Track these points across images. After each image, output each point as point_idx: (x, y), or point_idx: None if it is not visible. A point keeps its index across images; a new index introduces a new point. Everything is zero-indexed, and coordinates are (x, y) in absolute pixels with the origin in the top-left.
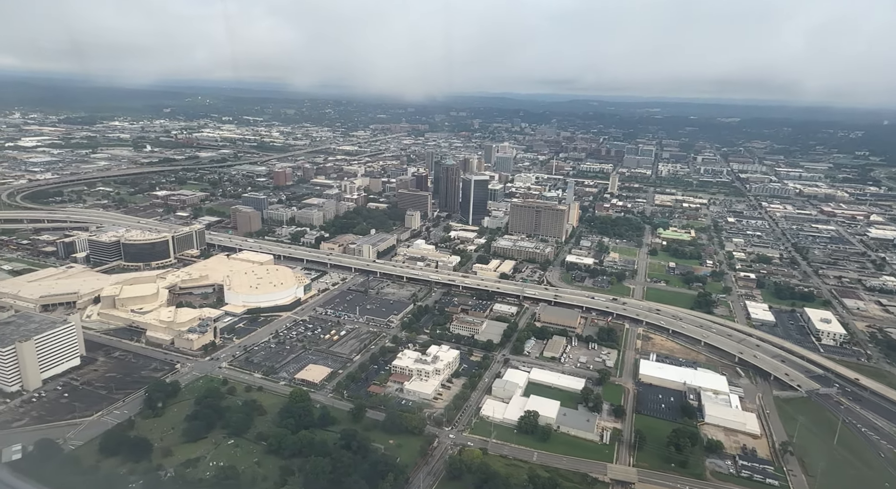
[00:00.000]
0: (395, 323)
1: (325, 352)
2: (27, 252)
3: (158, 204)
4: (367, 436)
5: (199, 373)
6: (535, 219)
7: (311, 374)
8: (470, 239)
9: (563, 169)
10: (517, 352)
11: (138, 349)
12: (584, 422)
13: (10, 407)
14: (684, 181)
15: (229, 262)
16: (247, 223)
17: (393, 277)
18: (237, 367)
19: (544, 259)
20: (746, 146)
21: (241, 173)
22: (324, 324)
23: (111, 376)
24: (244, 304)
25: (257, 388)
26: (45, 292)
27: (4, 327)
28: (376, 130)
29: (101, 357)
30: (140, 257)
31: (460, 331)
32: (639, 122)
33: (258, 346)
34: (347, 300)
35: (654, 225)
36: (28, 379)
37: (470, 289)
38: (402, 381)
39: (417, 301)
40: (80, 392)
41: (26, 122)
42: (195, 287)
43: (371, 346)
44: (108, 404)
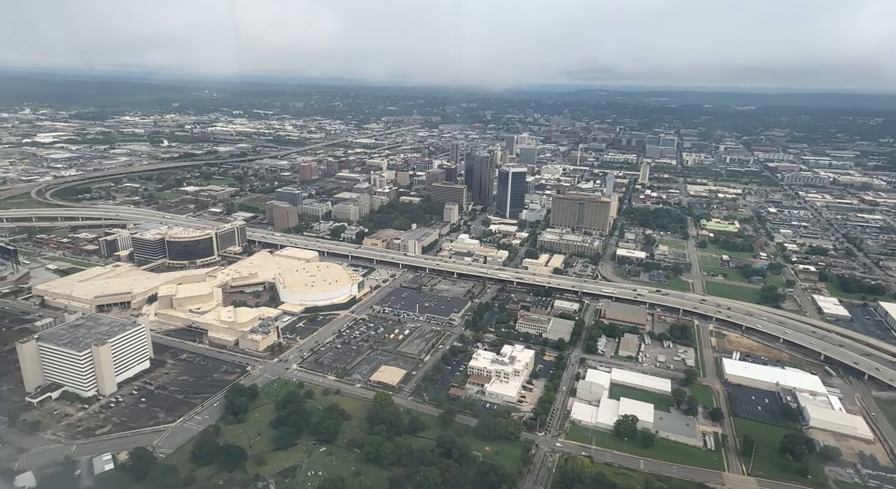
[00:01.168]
0: (456, 321)
1: (392, 352)
2: (68, 250)
3: (189, 200)
4: (463, 442)
5: (271, 376)
6: (578, 211)
7: (386, 376)
8: (511, 232)
9: (586, 160)
10: (590, 351)
11: (203, 351)
12: (684, 426)
13: (89, 413)
14: (712, 171)
15: (274, 259)
16: (284, 219)
17: (443, 273)
18: (308, 369)
19: (594, 253)
20: (767, 135)
21: (264, 168)
22: (384, 322)
23: (184, 380)
24: (301, 303)
25: (334, 391)
26: (98, 292)
27: (75, 330)
28: (389, 123)
29: (169, 359)
30: (184, 255)
31: (527, 329)
32: (652, 111)
33: (324, 347)
34: (403, 298)
35: (695, 216)
36: (104, 383)
37: (525, 285)
38: (482, 383)
39: (474, 298)
40: (156, 397)
41: (38, 118)
42: (246, 285)
43: (439, 346)
44: (189, 409)
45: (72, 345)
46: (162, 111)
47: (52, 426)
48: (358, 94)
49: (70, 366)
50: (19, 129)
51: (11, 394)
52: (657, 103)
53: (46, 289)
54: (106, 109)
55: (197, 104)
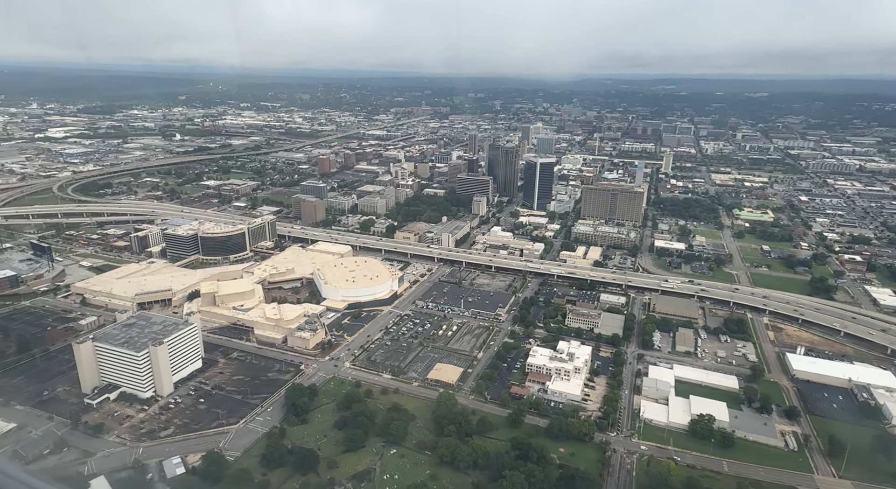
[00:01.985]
0: (503, 316)
1: (443, 349)
2: (99, 247)
3: (211, 194)
4: (537, 444)
5: (325, 375)
6: (610, 202)
7: (443, 374)
8: (542, 224)
9: (603, 149)
10: (646, 347)
11: (252, 349)
12: (762, 425)
13: (149, 414)
14: (733, 159)
15: (308, 254)
16: (312, 213)
17: (481, 267)
18: (361, 368)
19: (631, 244)
20: (782, 122)
21: (281, 161)
22: (430, 318)
23: (238, 379)
24: (343, 299)
25: (393, 390)
26: (138, 290)
27: (129, 330)
28: (398, 114)
29: (221, 358)
30: (217, 250)
31: (577, 324)
32: (662, 99)
33: (374, 344)
34: (445, 292)
35: (726, 206)
36: (162, 384)
37: (566, 278)
38: (543, 381)
39: (516, 292)
40: (214, 397)
41: (46, 112)
42: (284, 281)
43: (490, 342)
44: (249, 410)
45: (128, 345)
46: (169, 104)
47: (115, 428)
48: (364, 86)
49: (127, 367)
50: (29, 123)
51: (68, 395)
52: (665, 91)
53: (86, 286)
54: (113, 103)
55: (203, 97)
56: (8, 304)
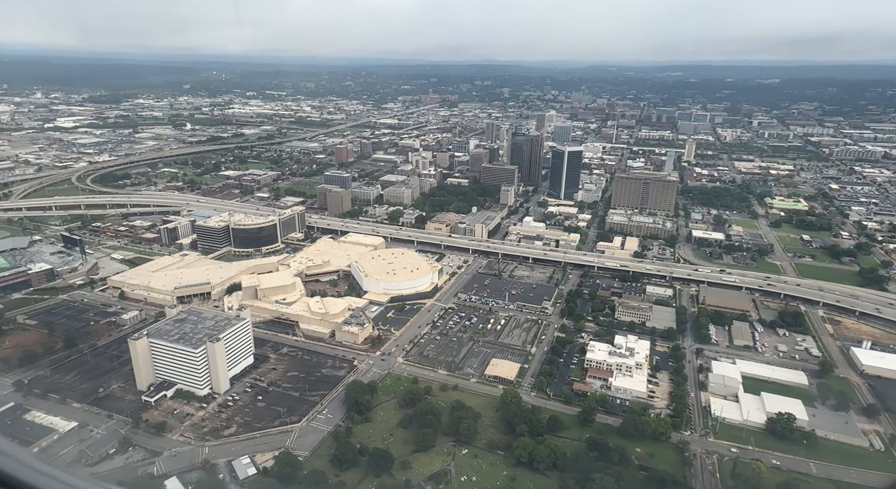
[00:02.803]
0: (550, 309)
1: (494, 343)
2: (127, 239)
3: (232, 184)
4: (616, 444)
5: (379, 370)
6: (642, 191)
7: (501, 370)
8: (572, 214)
9: (620, 137)
10: (703, 341)
11: (299, 343)
12: (843, 424)
13: (209, 412)
14: (753, 147)
15: (341, 246)
16: (338, 203)
17: (518, 258)
18: (414, 363)
19: (667, 234)
20: (796, 108)
21: (296, 150)
22: (475, 312)
23: (293, 375)
24: (385, 292)
25: (452, 387)
26: (177, 283)
27: (181, 325)
28: (407, 102)
29: (271, 354)
30: (249, 242)
31: (627, 317)
32: (672, 86)
33: (423, 339)
34: (486, 285)
35: (756, 194)
36: (219, 381)
37: (607, 270)
38: (604, 377)
39: (559, 284)
40: (271, 394)
41: (52, 102)
42: (322, 274)
43: (541, 336)
44: (309, 408)
45: (184, 341)
46: (174, 93)
47: (177, 427)
48: (369, 74)
49: (184, 364)
50: (36, 113)
51: (123, 392)
52: (673, 78)
53: (123, 280)
54: (118, 92)
55: (207, 86)
56: (46, 298)
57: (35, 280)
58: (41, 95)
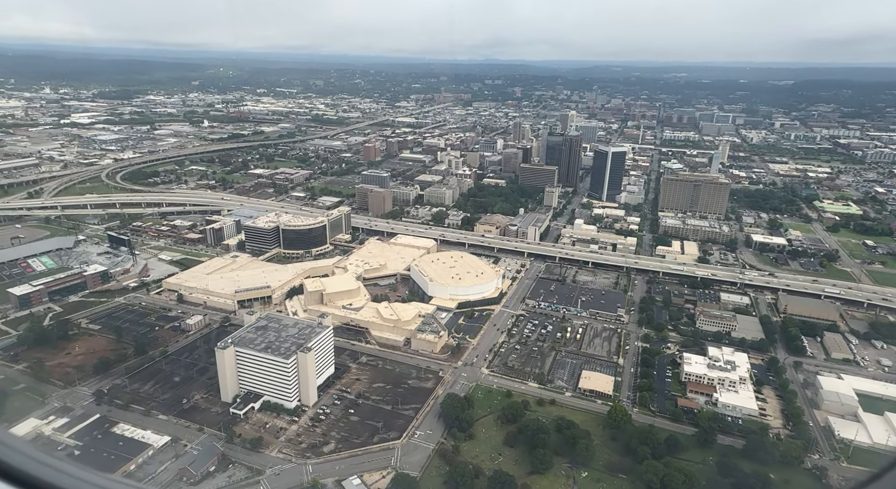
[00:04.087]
0: (625, 317)
1: (578, 353)
2: (170, 239)
3: (265, 183)
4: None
5: (467, 382)
6: (692, 194)
7: (595, 383)
8: (620, 217)
9: (644, 138)
10: (796, 353)
11: (374, 351)
12: None
13: (302, 426)
14: (781, 148)
15: (392, 248)
16: (380, 204)
17: (577, 263)
18: (501, 374)
19: (726, 239)
20: (815, 110)
21: (320, 148)
22: (548, 319)
23: (379, 387)
24: (451, 298)
25: (549, 401)
26: (236, 286)
27: (264, 333)
28: (420, 101)
29: (351, 363)
30: (298, 244)
31: (710, 327)
32: (685, 87)
33: (503, 348)
34: (551, 290)
35: (802, 197)
36: (308, 393)
37: (671, 275)
38: (706, 392)
39: (627, 290)
40: (362, 407)
41: (62, 97)
42: (379, 277)
43: (625, 347)
44: (404, 422)
45: (272, 350)
46: (184, 89)
47: (273, 442)
48: (378, 71)
49: (273, 375)
50: (49, 108)
51: (208, 403)
52: (684, 79)
53: (179, 282)
54: (128, 88)
55: (216, 82)
56: (103, 301)
57: (90, 282)
58: (49, 90)
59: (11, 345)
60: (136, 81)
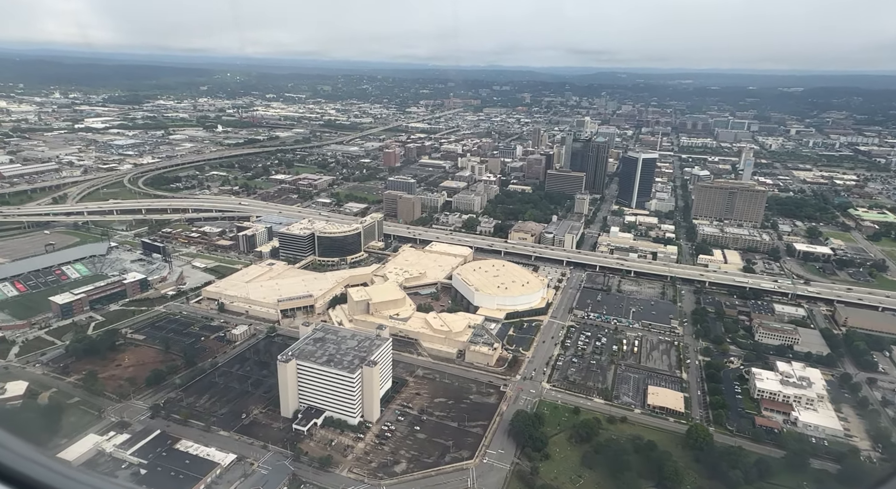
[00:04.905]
0: (679, 329)
1: (638, 367)
2: (201, 245)
3: (288, 189)
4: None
5: (530, 398)
6: (728, 201)
7: (665, 400)
8: (654, 224)
9: (662, 145)
10: (866, 368)
11: (429, 364)
12: None
13: (369, 444)
14: (800, 155)
15: (428, 256)
16: (409, 210)
17: (620, 272)
18: (563, 389)
19: (768, 247)
20: (828, 117)
21: (338, 153)
22: (600, 331)
23: (441, 402)
24: (499, 308)
25: (620, 419)
26: (278, 295)
27: (323, 345)
28: (430, 106)
29: (407, 376)
30: (332, 251)
31: (769, 340)
32: (694, 94)
33: (560, 361)
34: (598, 301)
35: (835, 205)
36: (371, 408)
37: (720, 285)
38: (782, 410)
39: (676, 301)
40: (427, 424)
41: (73, 102)
42: (420, 286)
43: (686, 360)
44: (473, 440)
45: (334, 364)
46: (193, 94)
47: (341, 461)
48: (385, 77)
49: (336, 389)
50: (61, 113)
51: (268, 418)
52: (691, 86)
53: (219, 291)
54: (138, 93)
55: (224, 87)
56: (143, 310)
57: (130, 290)
58: (59, 95)
59: (60, 356)
60: (144, 86)
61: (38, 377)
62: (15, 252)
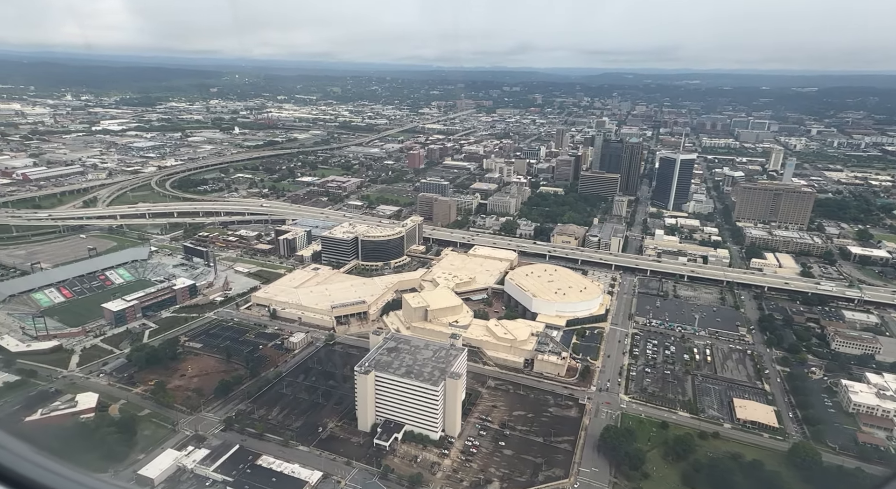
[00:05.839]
0: (748, 337)
1: (715, 378)
2: (240, 250)
3: (317, 191)
4: None
5: (610, 411)
6: (772, 203)
7: (756, 414)
8: (696, 227)
9: (684, 145)
10: None
11: (497, 374)
12: None
13: (455, 461)
14: (827, 155)
15: (473, 260)
16: (445, 213)
17: (674, 277)
18: (644, 401)
19: (821, 251)
20: (847, 117)
21: (360, 155)
22: (666, 338)
23: (520, 415)
24: (558, 314)
25: (712, 434)
26: (331, 301)
27: (398, 356)
28: (443, 107)
29: (480, 387)
30: (376, 255)
31: (849, 349)
32: (706, 94)
33: (632, 371)
34: (657, 306)
35: (878, 206)
36: (454, 422)
37: (780, 291)
38: (883, 426)
39: (738, 307)
40: (512, 439)
41: (85, 104)
42: (471, 291)
43: (764, 371)
44: (563, 457)
45: (415, 375)
46: (204, 96)
47: (431, 479)
48: (393, 79)
49: (418, 402)
50: (76, 115)
51: (345, 432)
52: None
53: (268, 297)
54: (149, 95)
55: (233, 89)
56: (193, 316)
57: (179, 296)
58: (71, 97)
59: (122, 365)
60: (154, 88)
61: (104, 388)
62: (55, 257)
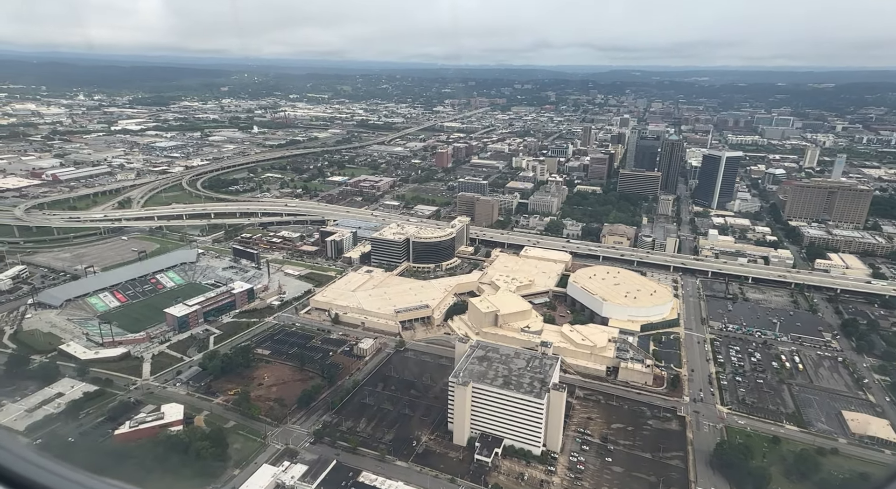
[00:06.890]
0: (834, 343)
1: (812, 387)
2: (286, 251)
3: (351, 191)
4: None
5: (712, 423)
6: (826, 201)
7: (870, 427)
8: (747, 226)
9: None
10: None
11: (582, 383)
12: None
13: (564, 479)
14: (858, 152)
15: (526, 262)
16: (488, 213)
17: (739, 278)
18: (744, 413)
19: (886, 251)
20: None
21: (385, 153)
22: (747, 344)
23: (619, 428)
24: (631, 319)
25: (830, 451)
26: (393, 305)
27: (491, 365)
28: (457, 106)
29: (571, 399)
30: (427, 257)
31: None
32: (721, 91)
33: (723, 380)
34: (729, 310)
35: None
36: (555, 437)
37: (854, 293)
38: None
39: (817, 311)
40: (617, 455)
41: (98, 104)
42: (532, 295)
43: (863, 381)
44: (676, 474)
45: (515, 387)
46: (216, 96)
47: None
48: (403, 77)
49: (518, 415)
50: (92, 115)
51: (440, 447)
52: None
53: (328, 301)
54: (162, 95)
55: (244, 88)
56: (254, 322)
57: (238, 301)
58: (84, 97)
59: (198, 374)
60: (165, 88)
61: (183, 398)
62: (101, 259)
